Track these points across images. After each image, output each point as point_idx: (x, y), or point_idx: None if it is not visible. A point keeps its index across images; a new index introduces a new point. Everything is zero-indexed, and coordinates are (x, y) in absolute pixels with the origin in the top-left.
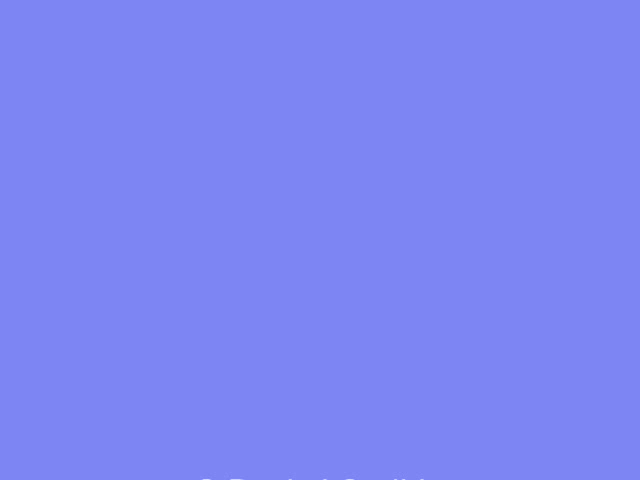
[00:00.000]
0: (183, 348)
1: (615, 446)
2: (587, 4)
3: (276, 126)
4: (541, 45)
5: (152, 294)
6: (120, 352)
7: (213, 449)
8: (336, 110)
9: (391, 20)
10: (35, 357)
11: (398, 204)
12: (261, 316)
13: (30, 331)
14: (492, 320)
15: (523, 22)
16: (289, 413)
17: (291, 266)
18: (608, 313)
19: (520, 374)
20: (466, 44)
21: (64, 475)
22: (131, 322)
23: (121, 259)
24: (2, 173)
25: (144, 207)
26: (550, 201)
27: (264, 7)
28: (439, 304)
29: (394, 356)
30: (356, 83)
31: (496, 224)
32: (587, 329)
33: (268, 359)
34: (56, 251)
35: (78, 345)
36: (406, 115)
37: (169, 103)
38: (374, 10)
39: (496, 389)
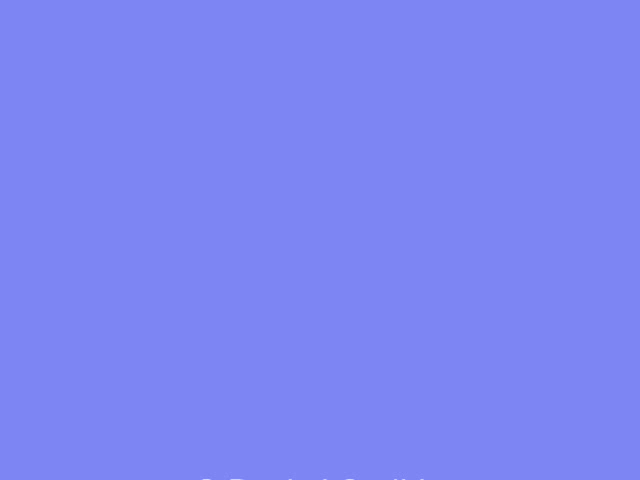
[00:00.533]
0: (183, 348)
1: (615, 446)
2: (587, 4)
3: (276, 126)
4: (541, 45)
5: (152, 294)
6: (120, 352)
7: (213, 449)
8: (336, 110)
9: (391, 20)
10: (35, 357)
11: (398, 204)
12: (261, 316)
13: (30, 331)
14: (492, 320)
15: (523, 22)
16: (289, 413)
17: (291, 266)
18: (608, 313)
19: (520, 374)
20: (466, 44)
21: (64, 475)
22: (131, 322)
23: (121, 259)
24: (2, 173)
25: (144, 207)
26: (550, 201)
27: (264, 7)
28: (439, 304)
29: (394, 356)
30: (356, 83)
31: (496, 224)
32: (587, 329)
33: (268, 359)
34: (56, 251)
35: (78, 345)
36: (406, 115)
37: (169, 103)
38: (374, 10)
39: (496, 389)
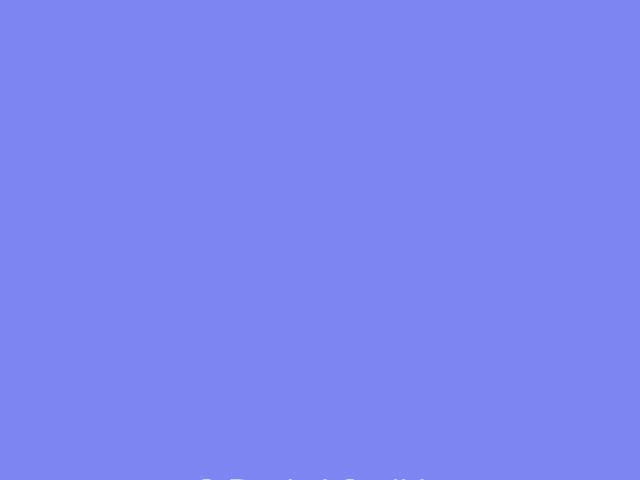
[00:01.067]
0: (183, 348)
1: (615, 446)
2: (587, 4)
3: (276, 126)
4: (541, 45)
5: (152, 294)
6: (120, 352)
7: (213, 449)
8: (336, 110)
9: (391, 20)
10: (35, 357)
11: (398, 204)
12: (261, 316)
13: (30, 331)
14: (492, 320)
15: (523, 22)
16: (289, 413)
17: (291, 266)
18: (608, 313)
19: (520, 374)
20: (466, 44)
21: (64, 475)
22: (131, 322)
23: (121, 259)
24: (2, 173)
25: (144, 207)
26: (550, 201)
27: (264, 7)
28: (439, 304)
29: (394, 356)
30: (356, 83)
31: (496, 224)
32: (587, 329)
33: (268, 359)
34: (56, 251)
35: (78, 345)
36: (406, 115)
37: (169, 103)
38: (374, 10)
39: (496, 389)
